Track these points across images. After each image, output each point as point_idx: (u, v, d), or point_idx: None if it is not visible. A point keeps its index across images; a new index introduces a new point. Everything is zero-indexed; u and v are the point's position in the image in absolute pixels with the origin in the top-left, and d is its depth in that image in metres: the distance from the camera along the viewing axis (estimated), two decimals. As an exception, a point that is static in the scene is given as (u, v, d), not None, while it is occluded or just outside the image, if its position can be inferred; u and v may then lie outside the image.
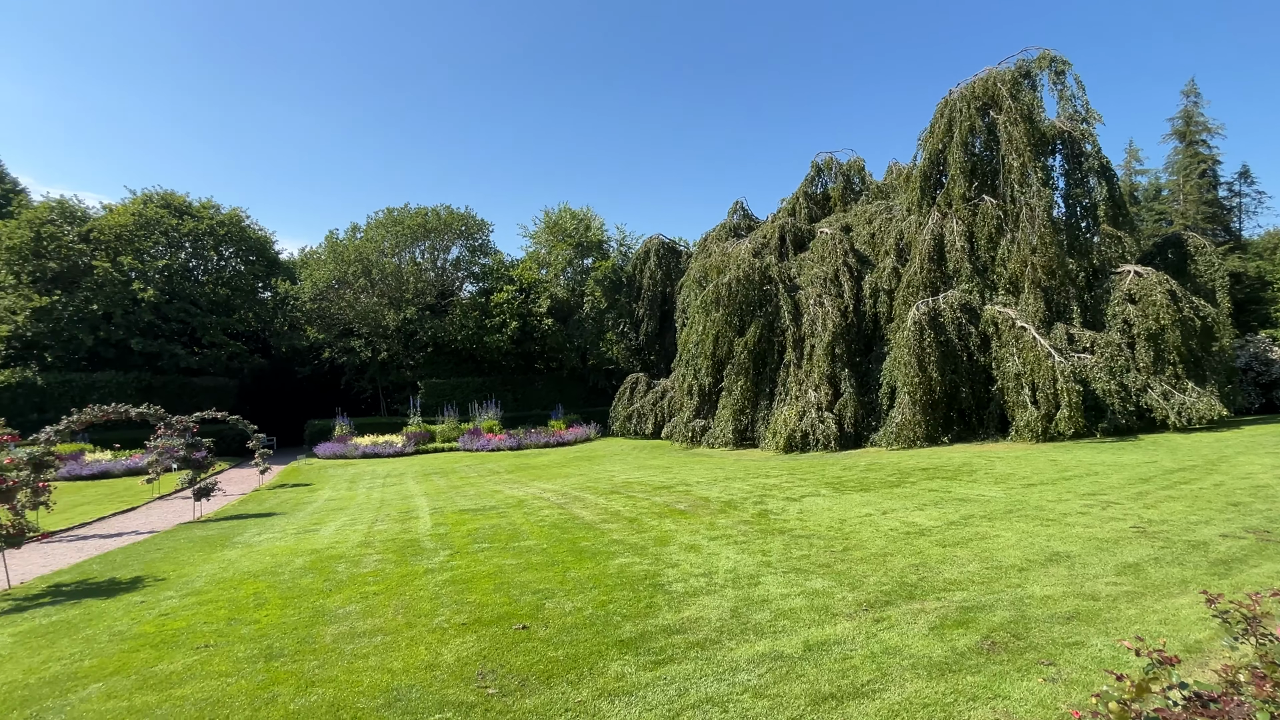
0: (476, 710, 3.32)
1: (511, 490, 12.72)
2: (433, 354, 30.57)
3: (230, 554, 7.86)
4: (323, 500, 13.13)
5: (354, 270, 28.90)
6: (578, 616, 4.73)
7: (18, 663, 4.47)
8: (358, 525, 9.49)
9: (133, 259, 25.68)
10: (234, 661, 4.19)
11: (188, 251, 28.11)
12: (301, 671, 3.96)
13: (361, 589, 5.81)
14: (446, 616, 4.89)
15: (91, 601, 5.99)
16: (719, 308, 19.21)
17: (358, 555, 7.29)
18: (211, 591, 6.04)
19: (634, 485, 12.12)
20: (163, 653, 4.44)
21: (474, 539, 7.86)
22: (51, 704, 3.70)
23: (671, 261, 29.64)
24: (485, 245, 33.82)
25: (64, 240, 24.80)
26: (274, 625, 4.90)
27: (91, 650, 4.60)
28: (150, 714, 3.48)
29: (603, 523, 8.45)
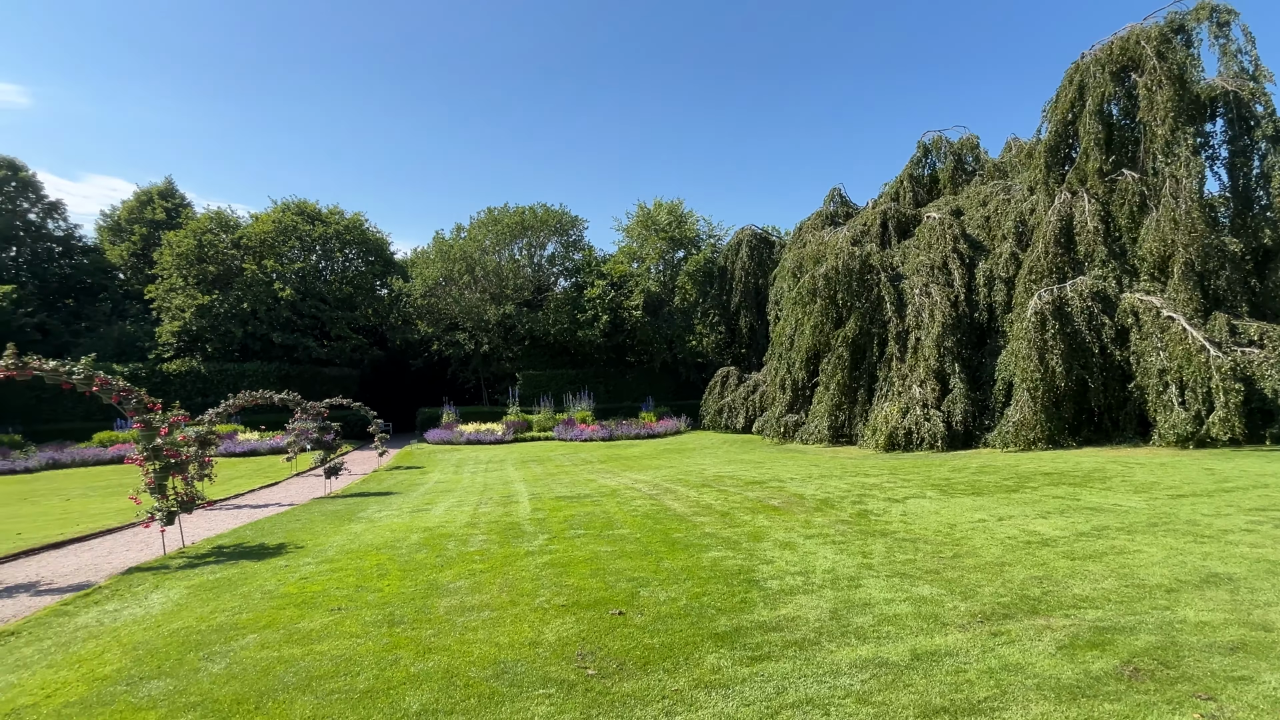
0: (577, 689, 3.44)
1: (604, 480, 13.03)
2: (530, 347, 31.92)
3: (356, 528, 8.67)
4: (432, 482, 14.13)
5: (459, 268, 30.72)
6: (672, 606, 4.77)
7: (192, 611, 5.19)
8: (464, 507, 10.12)
9: (274, 261, 28.85)
10: (362, 624, 4.63)
11: (318, 253, 31.13)
12: (419, 638, 4.29)
13: (469, 566, 6.20)
14: (546, 598, 5.11)
15: (246, 563, 6.83)
16: (815, 299, 18.55)
17: (465, 535, 7.78)
18: (341, 560, 6.69)
19: (725, 479, 12.03)
20: (304, 612, 4.98)
21: (570, 525, 8.14)
22: (219, 648, 4.27)
23: (764, 252, 28.96)
24: (578, 241, 34.76)
25: (220, 247, 28.31)
26: (395, 594, 5.35)
27: (247, 605, 5.25)
28: (295, 664, 3.92)
29: (694, 515, 8.46)
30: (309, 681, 3.66)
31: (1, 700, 3.61)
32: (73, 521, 10.08)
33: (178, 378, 25.97)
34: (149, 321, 29.32)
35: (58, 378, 7.18)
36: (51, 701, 3.56)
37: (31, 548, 8.11)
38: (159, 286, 28.35)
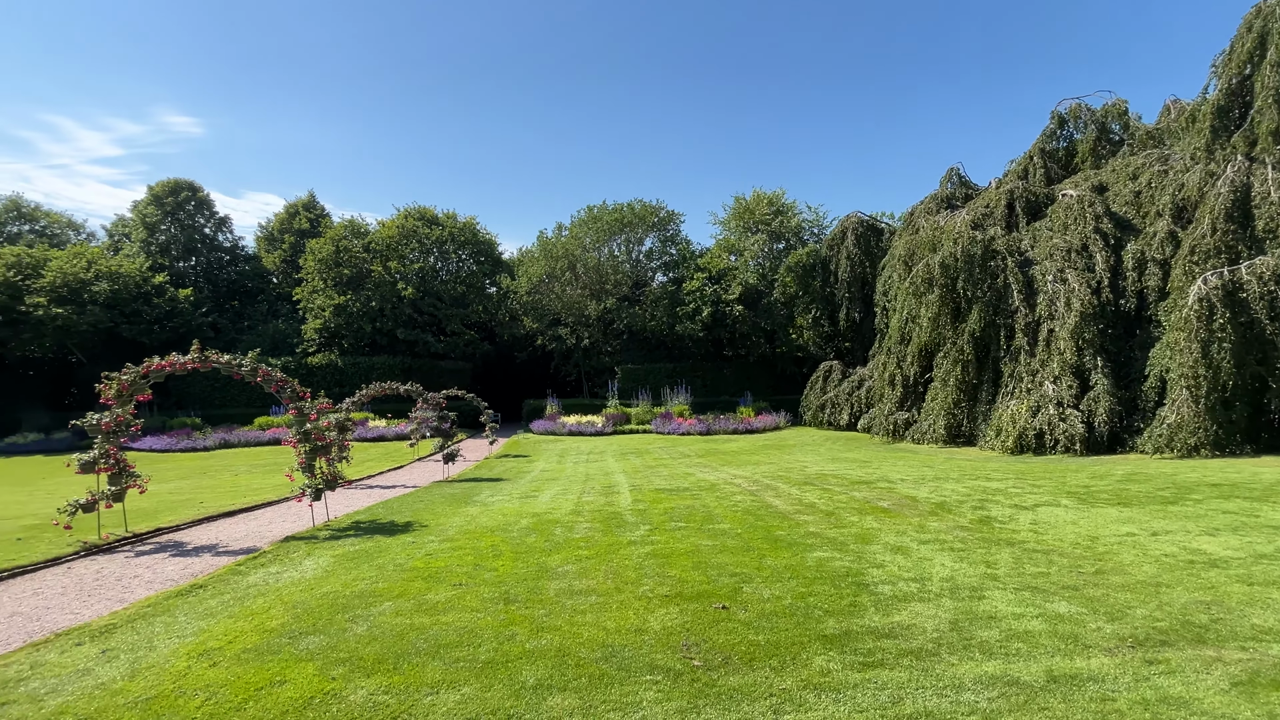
0: (683, 679, 3.49)
1: (703, 474, 13.03)
2: (628, 341, 32.51)
3: (472, 510, 9.30)
4: (538, 471, 14.82)
5: (561, 265, 31.88)
6: (776, 605, 4.70)
7: (337, 578, 5.82)
8: (568, 495, 10.54)
9: (397, 263, 31.48)
10: (481, 600, 4.97)
11: (435, 255, 33.55)
12: (533, 617, 4.54)
13: (576, 552, 6.45)
14: (650, 587, 5.21)
15: (379, 538, 7.55)
16: (930, 289, 17.34)
17: (570, 522, 8.10)
18: (460, 540, 7.22)
19: (829, 478, 11.60)
20: (430, 585, 5.43)
21: (670, 517, 8.22)
22: (360, 612, 4.77)
23: (872, 240, 27.47)
24: (675, 235, 34.84)
25: (353, 251, 31.32)
26: (509, 574, 5.69)
27: (382, 576, 5.81)
28: (425, 632, 4.29)
29: (797, 513, 8.25)
30: (437, 649, 4.00)
31: (196, 642, 4.27)
32: (241, 494, 11.65)
33: (319, 370, 29.11)
34: (297, 320, 33.09)
35: (230, 369, 8.32)
36: (233, 646, 4.15)
37: (211, 515, 9.48)
38: (304, 289, 31.90)
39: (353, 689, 3.48)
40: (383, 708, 3.26)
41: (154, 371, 8.07)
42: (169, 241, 34.75)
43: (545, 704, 3.25)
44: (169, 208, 34.83)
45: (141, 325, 28.23)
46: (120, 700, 3.43)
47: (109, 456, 7.82)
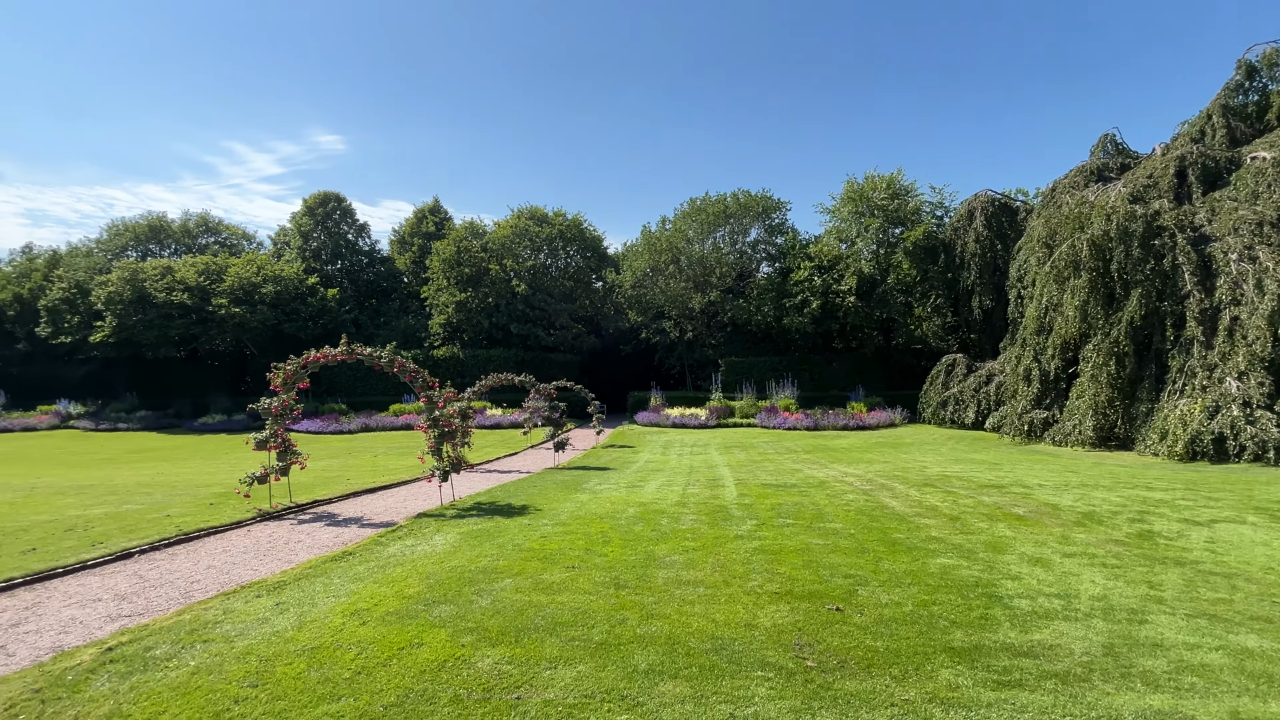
0: (796, 678, 3.41)
1: (810, 470, 12.59)
2: (732, 333, 32.09)
3: (581, 497, 9.66)
4: (643, 461, 15.08)
5: (664, 259, 32.07)
6: (895, 610, 4.44)
7: (462, 554, 6.29)
8: (673, 486, 10.63)
9: (511, 261, 33.28)
10: (593, 584, 5.15)
11: (545, 252, 35.08)
12: (642, 603, 4.64)
13: (682, 543, 6.50)
14: (759, 583, 5.13)
15: (498, 519, 8.06)
16: (1077, 272, 15.49)
17: (676, 513, 8.17)
18: (572, 525, 7.52)
19: (952, 479, 10.75)
20: (545, 566, 5.72)
21: (777, 513, 8.03)
22: (484, 586, 5.13)
23: (1004, 220, 25.00)
24: (781, 225, 33.82)
25: (472, 251, 33.52)
26: (618, 560, 5.85)
27: (502, 554, 6.20)
28: (542, 610, 4.53)
29: (916, 516, 7.73)
30: (554, 626, 4.20)
31: (348, 602, 4.81)
32: (380, 473, 12.93)
33: (443, 362, 31.53)
34: (424, 316, 36.05)
35: (372, 360, 9.23)
36: (378, 609, 4.63)
37: (356, 491, 10.61)
38: (430, 287, 34.66)
39: (480, 656, 3.75)
40: (506, 676, 3.49)
41: (311, 363, 9.16)
42: (319, 247, 39.18)
43: (657, 689, 3.31)
44: (319, 217, 39.25)
45: (299, 322, 32.12)
46: (291, 648, 3.95)
47: (277, 436, 9.00)
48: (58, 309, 31.75)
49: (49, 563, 6.08)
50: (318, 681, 3.46)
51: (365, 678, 3.50)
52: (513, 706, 3.16)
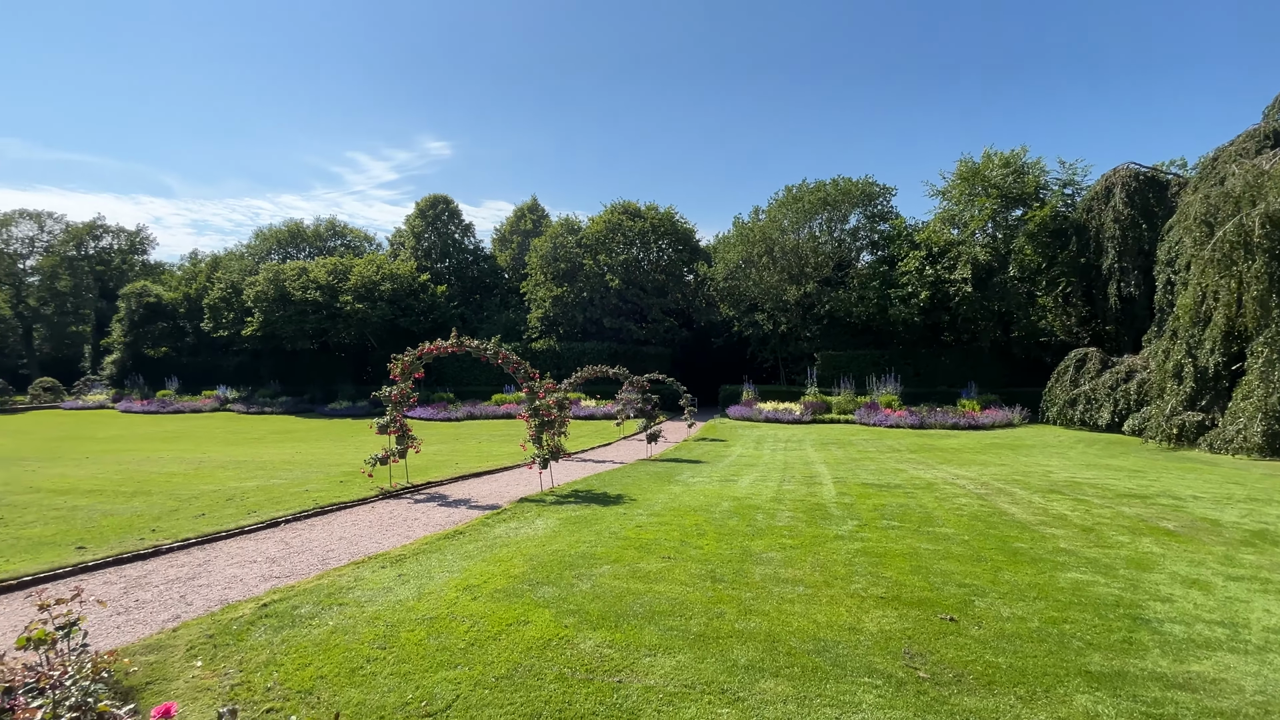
0: (907, 689, 3.23)
1: (916, 471, 11.86)
2: (829, 326, 30.85)
3: (674, 489, 9.71)
4: (735, 455, 14.89)
5: (757, 250, 31.37)
6: (1019, 626, 4.09)
7: (562, 539, 6.53)
8: (768, 482, 10.41)
9: (605, 256, 33.94)
10: (689, 575, 5.17)
11: (637, 246, 35.44)
12: (739, 599, 4.59)
13: (779, 540, 6.36)
14: (862, 586, 4.91)
15: (595, 506, 8.29)
16: (1249, 255, 13.43)
17: (771, 509, 8.00)
18: (666, 516, 7.59)
19: (1084, 486, 9.72)
20: (642, 555, 5.81)
21: (880, 514, 7.65)
22: (584, 571, 5.29)
23: (1150, 197, 22.13)
24: (885, 211, 31.96)
25: (567, 247, 34.54)
26: (713, 554, 5.83)
27: (600, 541, 6.36)
28: (640, 597, 4.61)
29: (1041, 525, 7.06)
30: (652, 615, 4.26)
31: (461, 578, 5.15)
32: (484, 459, 13.70)
33: (540, 354, 32.83)
34: (523, 310, 37.68)
35: (479, 352, 9.77)
36: (487, 586, 4.91)
37: (464, 474, 11.31)
38: (528, 282, 36.15)
39: (582, 638, 3.88)
40: (608, 660, 3.58)
41: (426, 354, 9.86)
42: (430, 247, 42.01)
43: (758, 685, 3.27)
44: (429, 218, 42.07)
45: (412, 316, 34.67)
46: (412, 616, 4.29)
47: (396, 422, 9.78)
48: (217, 306, 36.36)
49: (215, 527, 7.00)
50: (436, 649, 3.74)
51: (478, 649, 3.73)
52: (614, 689, 3.24)
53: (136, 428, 23.75)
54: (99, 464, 12.68)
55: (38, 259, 52.31)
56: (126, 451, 15.45)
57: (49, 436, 20.42)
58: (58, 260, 51.09)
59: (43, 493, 9.20)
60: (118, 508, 8.09)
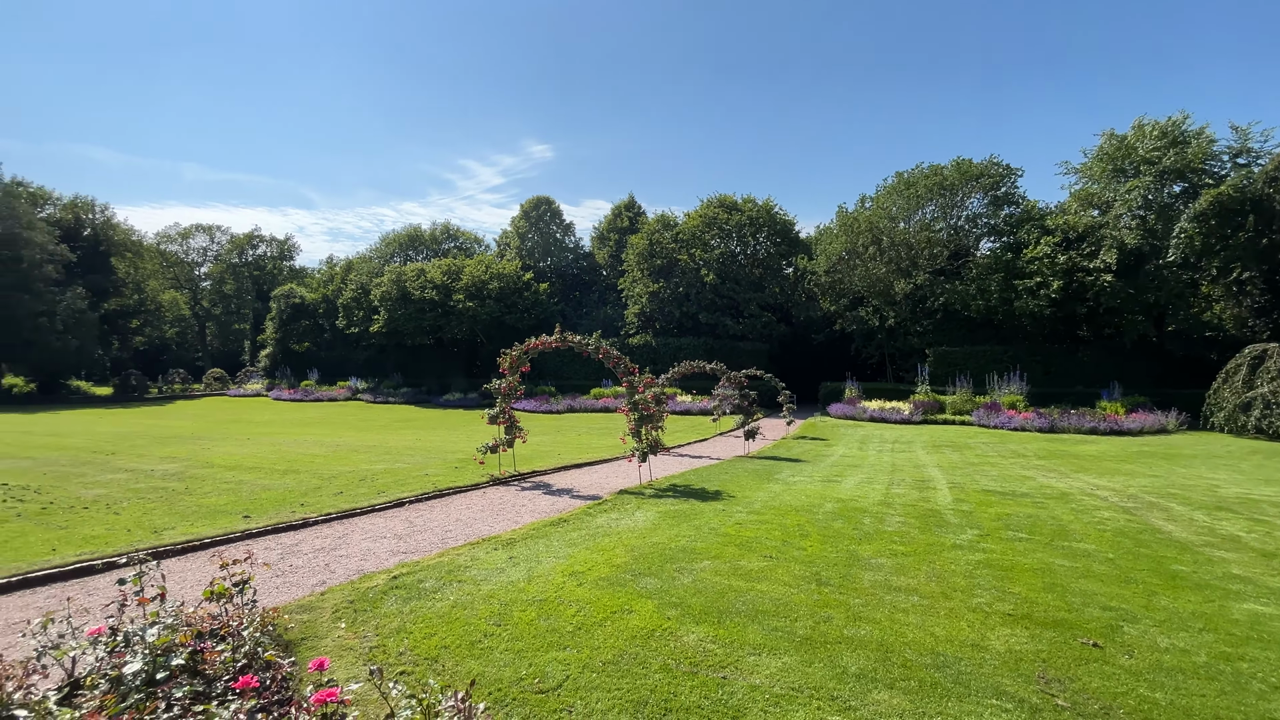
0: (1044, 716, 2.95)
1: (1046, 479, 10.78)
2: (942, 320, 28.72)
3: (774, 487, 9.49)
4: (838, 455, 14.29)
5: (863, 240, 29.81)
6: (1181, 659, 3.60)
7: (662, 532, 6.60)
8: (874, 484, 9.90)
9: (700, 251, 33.76)
10: (792, 576, 5.04)
11: (734, 240, 34.92)
12: (847, 604, 4.41)
13: (889, 546, 6.02)
14: (986, 600, 4.54)
15: (693, 501, 8.29)
16: None
17: (879, 513, 7.60)
18: (766, 515, 7.43)
19: (1262, 504, 8.36)
20: (742, 552, 5.74)
21: (1005, 525, 7.03)
22: (685, 565, 5.32)
23: (1354, 165, 18.53)
24: (1010, 194, 29.18)
25: (663, 243, 34.72)
26: (817, 556, 5.63)
27: (699, 536, 6.36)
28: (742, 595, 4.55)
29: (1207, 547, 6.16)
30: (755, 614, 4.20)
31: (567, 564, 5.35)
32: (584, 451, 14.13)
33: (637, 349, 33.29)
34: (620, 306, 38.38)
35: (581, 348, 10.08)
36: (592, 573, 5.07)
37: (566, 465, 11.73)
38: (626, 279, 36.74)
39: (685, 631, 3.90)
40: (711, 655, 3.58)
41: (532, 349, 10.32)
42: (533, 246, 43.89)
43: (871, 696, 3.12)
44: (533, 219, 43.94)
45: (517, 313, 36.43)
46: (523, 597, 4.52)
47: (505, 413, 10.34)
48: (349, 306, 40.23)
49: (351, 504, 7.77)
50: (546, 630, 3.91)
51: (585, 634, 3.86)
52: (719, 685, 3.23)
53: (285, 413, 26.88)
54: (257, 444, 14.48)
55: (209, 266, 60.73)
56: (278, 434, 17.53)
57: (218, 419, 23.63)
58: (224, 267, 58.96)
59: (216, 468, 10.66)
60: (273, 483, 9.20)
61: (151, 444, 14.20)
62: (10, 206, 34.52)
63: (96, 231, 41.62)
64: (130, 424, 20.50)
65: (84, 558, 5.40)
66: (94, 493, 8.33)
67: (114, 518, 6.98)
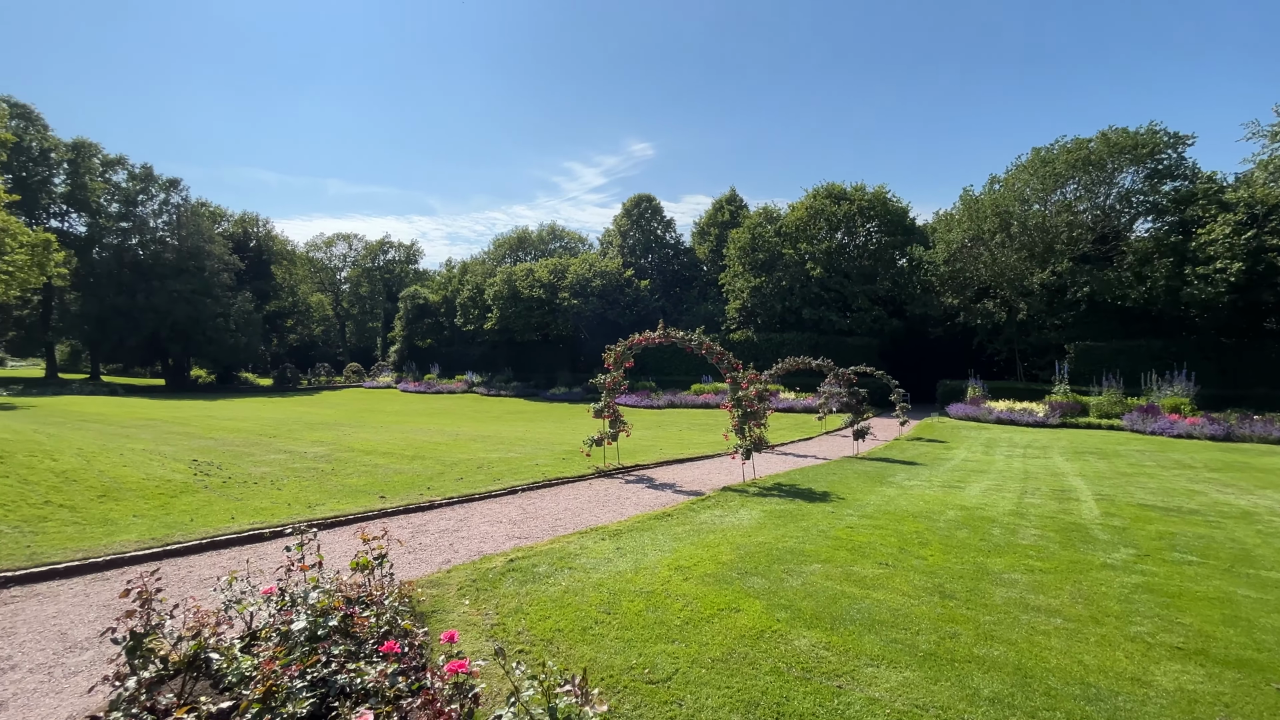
0: (1227, 769, 2.55)
1: (1222, 494, 9.29)
2: (1086, 312, 25.63)
3: (888, 491, 8.96)
4: (959, 459, 13.22)
5: (990, 225, 27.29)
6: None
7: (767, 531, 6.45)
8: (1004, 492, 9.05)
9: (806, 244, 32.56)
10: (911, 587, 4.72)
11: (842, 231, 33.32)
12: (976, 620, 4.06)
13: (1024, 561, 5.48)
14: (1148, 630, 3.99)
15: (799, 502, 8.03)
16: None
17: (1011, 524, 6.93)
18: (880, 519, 7.04)
19: None
20: (854, 558, 5.47)
21: (1169, 545, 6.15)
22: (793, 567, 5.16)
23: None
24: (1174, 167, 25.39)
25: (766, 236, 33.86)
26: (939, 567, 5.24)
27: (807, 539, 6.15)
28: (856, 603, 4.34)
29: None
30: (871, 623, 3.99)
31: (672, 558, 5.39)
32: (685, 446, 14.15)
33: (738, 345, 32.79)
34: (721, 302, 37.99)
35: (683, 343, 10.09)
36: (698, 569, 5.07)
37: (668, 460, 11.81)
38: (726, 274, 36.28)
39: (795, 635, 3.78)
40: (824, 661, 3.44)
41: (635, 345, 10.49)
42: (635, 244, 44.55)
43: (1008, 724, 2.86)
44: (634, 217, 44.58)
45: (619, 309, 37.19)
46: (630, 587, 4.60)
47: (609, 408, 10.59)
48: (465, 305, 43.11)
49: (470, 489, 8.32)
50: (654, 622, 3.96)
51: (692, 629, 3.86)
52: (834, 694, 3.10)
53: (411, 404, 29.34)
54: (388, 432, 15.93)
55: (348, 271, 67.61)
56: (405, 423, 19.18)
57: (356, 409, 26.27)
58: (360, 271, 65.38)
59: (355, 452, 11.86)
60: (403, 468, 10.07)
61: (303, 429, 16.07)
62: (196, 224, 40.55)
63: (260, 243, 47.71)
64: (286, 411, 23.34)
65: (256, 526, 6.22)
66: (261, 470, 9.56)
67: (276, 493, 7.98)
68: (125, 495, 7.27)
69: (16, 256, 26.05)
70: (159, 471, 8.72)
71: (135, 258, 38.88)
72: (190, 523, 6.34)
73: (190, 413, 20.74)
